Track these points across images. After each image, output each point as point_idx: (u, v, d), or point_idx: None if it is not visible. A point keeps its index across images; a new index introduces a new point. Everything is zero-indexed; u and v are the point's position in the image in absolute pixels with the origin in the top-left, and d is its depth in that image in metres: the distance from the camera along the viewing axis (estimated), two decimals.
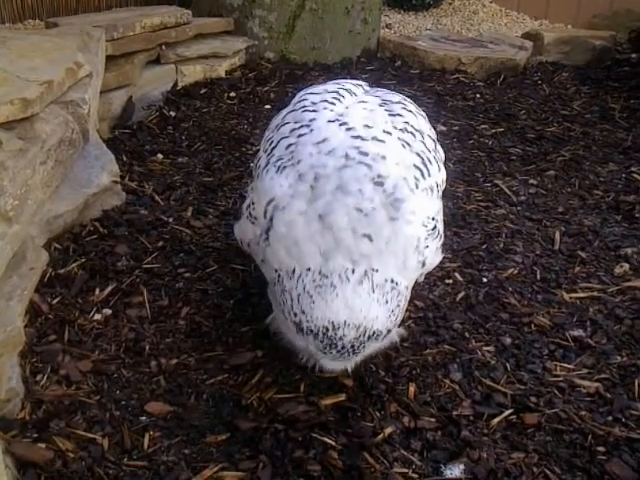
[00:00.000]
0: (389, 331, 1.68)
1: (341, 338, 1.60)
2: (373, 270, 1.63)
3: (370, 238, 1.63)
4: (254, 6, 4.40)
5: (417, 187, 1.76)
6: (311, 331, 1.62)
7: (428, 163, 1.83)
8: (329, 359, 1.67)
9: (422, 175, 1.79)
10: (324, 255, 1.63)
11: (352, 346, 1.62)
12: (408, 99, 2.10)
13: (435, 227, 1.79)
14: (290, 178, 1.74)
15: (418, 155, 1.82)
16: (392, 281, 1.65)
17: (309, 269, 1.64)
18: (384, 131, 1.82)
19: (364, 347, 1.64)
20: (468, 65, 4.63)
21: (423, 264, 1.77)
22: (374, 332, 1.62)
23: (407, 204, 1.70)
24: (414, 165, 1.79)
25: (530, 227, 2.81)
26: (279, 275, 1.70)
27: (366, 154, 1.74)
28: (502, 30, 5.81)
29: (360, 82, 2.21)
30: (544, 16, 6.19)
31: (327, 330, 1.60)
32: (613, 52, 5.23)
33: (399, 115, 1.92)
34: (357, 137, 1.78)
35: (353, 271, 1.62)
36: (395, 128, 1.86)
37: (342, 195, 1.66)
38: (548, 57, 5.06)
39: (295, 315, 1.64)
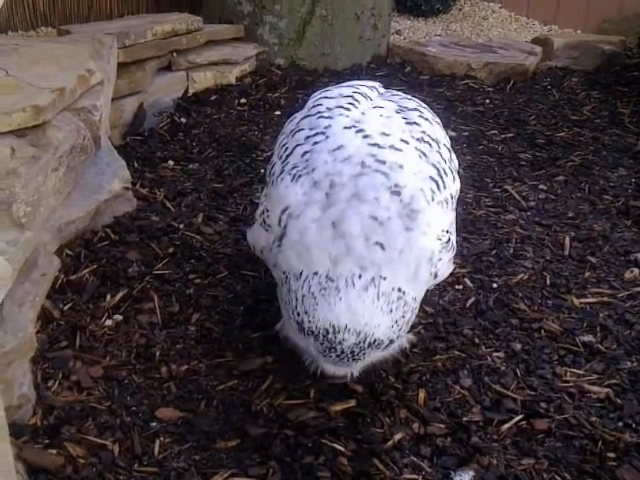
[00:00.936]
0: (391, 341, 1.68)
1: (340, 342, 1.60)
2: (381, 277, 1.63)
3: (382, 246, 1.63)
4: (264, 13, 4.41)
5: (433, 199, 1.76)
6: (312, 332, 1.62)
7: (444, 174, 1.83)
8: (330, 363, 1.68)
9: (438, 187, 1.79)
10: (334, 260, 1.63)
11: (352, 352, 1.62)
12: (423, 104, 2.09)
13: (449, 240, 1.80)
14: (305, 186, 1.74)
15: (434, 166, 1.82)
16: (399, 290, 1.65)
17: (316, 273, 1.64)
18: (401, 140, 1.81)
19: (364, 354, 1.64)
20: (478, 70, 4.62)
21: (435, 276, 1.78)
22: (375, 340, 1.62)
23: (423, 216, 1.70)
24: (430, 177, 1.79)
25: (540, 232, 2.81)
26: (287, 276, 1.71)
27: (383, 162, 1.73)
28: (511, 35, 5.80)
29: (374, 83, 2.19)
30: (553, 21, 6.17)
31: (327, 333, 1.60)
32: (623, 57, 5.21)
33: (416, 124, 1.91)
34: (374, 145, 1.78)
35: (360, 276, 1.62)
36: (412, 137, 1.85)
37: (357, 203, 1.66)
38: (557, 62, 5.04)
39: (298, 315, 1.65)
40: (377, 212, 1.66)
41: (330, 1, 4.42)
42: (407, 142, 1.82)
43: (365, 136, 1.80)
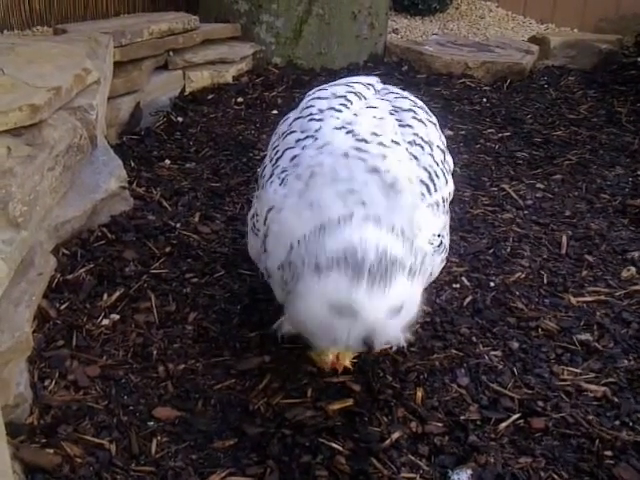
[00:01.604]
0: (411, 273, 1.61)
1: (363, 260, 1.53)
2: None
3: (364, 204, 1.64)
4: (261, 12, 4.41)
5: (422, 202, 1.76)
6: (331, 264, 1.55)
7: (435, 177, 1.82)
8: (361, 294, 1.54)
9: (428, 190, 1.79)
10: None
11: (378, 270, 1.54)
12: (419, 103, 2.08)
13: (441, 243, 1.80)
14: (289, 184, 1.76)
15: (425, 170, 1.81)
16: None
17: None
18: (392, 140, 1.81)
19: (390, 276, 1.55)
20: (475, 69, 4.63)
21: (430, 274, 1.78)
22: (395, 258, 1.56)
23: (406, 196, 1.71)
24: (421, 180, 1.79)
25: (537, 231, 2.81)
26: (282, 266, 1.68)
27: (366, 152, 1.74)
28: (508, 34, 5.80)
29: (372, 79, 2.17)
30: (550, 20, 6.17)
31: (345, 257, 1.54)
32: (620, 56, 5.21)
33: (409, 126, 1.91)
34: (361, 140, 1.78)
35: (352, 215, 1.61)
36: (404, 140, 1.85)
37: (335, 183, 1.68)
38: (554, 61, 5.05)
39: (310, 257, 1.59)
40: (354, 185, 1.66)
41: (327, 0, 4.42)
42: (398, 144, 1.82)
43: (354, 136, 1.80)
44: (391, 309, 1.57)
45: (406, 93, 2.13)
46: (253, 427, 1.79)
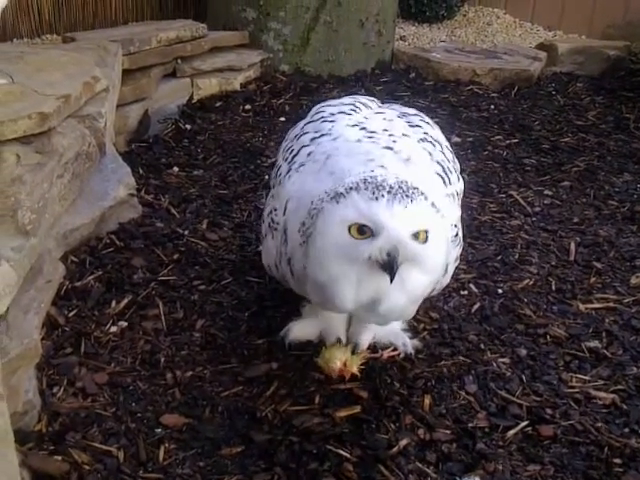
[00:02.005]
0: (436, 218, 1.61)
1: (384, 180, 1.56)
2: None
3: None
4: (269, 19, 4.42)
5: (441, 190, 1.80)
6: (351, 187, 1.57)
7: (449, 172, 1.85)
8: (382, 208, 1.53)
9: (444, 182, 1.81)
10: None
11: (400, 187, 1.55)
12: (422, 114, 2.12)
13: (457, 234, 1.82)
14: (306, 169, 1.82)
15: (439, 163, 1.84)
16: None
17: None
18: (403, 134, 1.86)
19: (411, 196, 1.54)
20: (482, 76, 4.63)
21: (446, 271, 1.79)
22: (416, 186, 1.57)
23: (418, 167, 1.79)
24: (436, 173, 1.82)
25: (545, 238, 2.80)
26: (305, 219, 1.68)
27: (379, 138, 1.83)
28: (516, 41, 5.80)
29: (374, 98, 2.22)
30: (558, 27, 6.16)
31: (365, 180, 1.57)
32: (627, 62, 5.19)
33: (418, 126, 1.96)
34: (374, 132, 1.85)
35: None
36: (415, 137, 1.89)
37: (352, 154, 1.76)
38: (562, 68, 5.04)
39: (329, 191, 1.61)
40: (372, 156, 1.73)
41: (334, 7, 4.44)
42: (408, 136, 1.88)
43: (366, 130, 1.87)
44: (414, 228, 1.54)
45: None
46: (261, 434, 1.79)
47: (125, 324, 2.16)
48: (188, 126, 3.67)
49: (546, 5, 6.19)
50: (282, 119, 3.86)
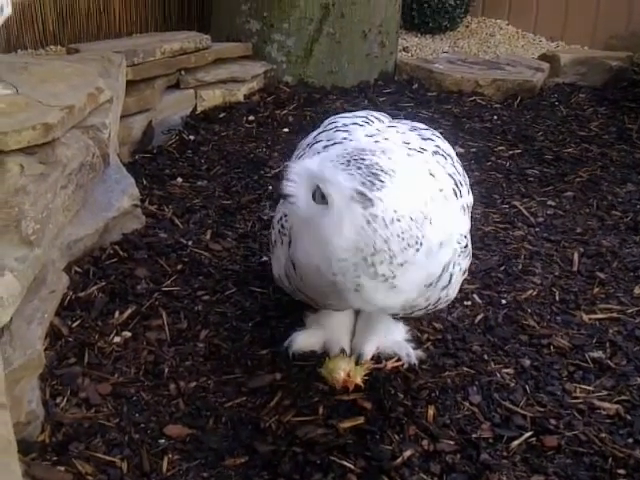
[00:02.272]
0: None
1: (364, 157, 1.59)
2: None
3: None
4: (272, 31, 4.44)
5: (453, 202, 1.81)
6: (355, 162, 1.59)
7: (460, 185, 1.86)
8: (338, 165, 1.59)
9: (455, 195, 1.81)
10: None
11: (367, 165, 1.58)
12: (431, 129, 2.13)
13: (467, 245, 1.82)
14: None
15: (451, 176, 1.84)
16: None
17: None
18: (420, 147, 1.86)
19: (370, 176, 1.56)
20: (485, 87, 4.63)
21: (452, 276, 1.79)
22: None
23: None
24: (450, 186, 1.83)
25: (548, 248, 2.80)
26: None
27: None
28: (519, 52, 5.81)
29: (384, 114, 2.21)
30: (560, 38, 6.18)
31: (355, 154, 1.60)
32: (630, 72, 5.20)
33: (430, 139, 1.95)
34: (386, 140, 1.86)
35: None
36: (428, 150, 1.88)
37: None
38: (565, 78, 5.04)
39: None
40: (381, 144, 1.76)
41: (338, 19, 4.45)
42: (425, 149, 1.86)
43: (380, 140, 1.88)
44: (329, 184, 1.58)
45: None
46: (264, 445, 1.79)
47: (129, 334, 2.16)
48: (192, 137, 3.68)
49: (549, 16, 6.20)
50: (285, 130, 3.87)
